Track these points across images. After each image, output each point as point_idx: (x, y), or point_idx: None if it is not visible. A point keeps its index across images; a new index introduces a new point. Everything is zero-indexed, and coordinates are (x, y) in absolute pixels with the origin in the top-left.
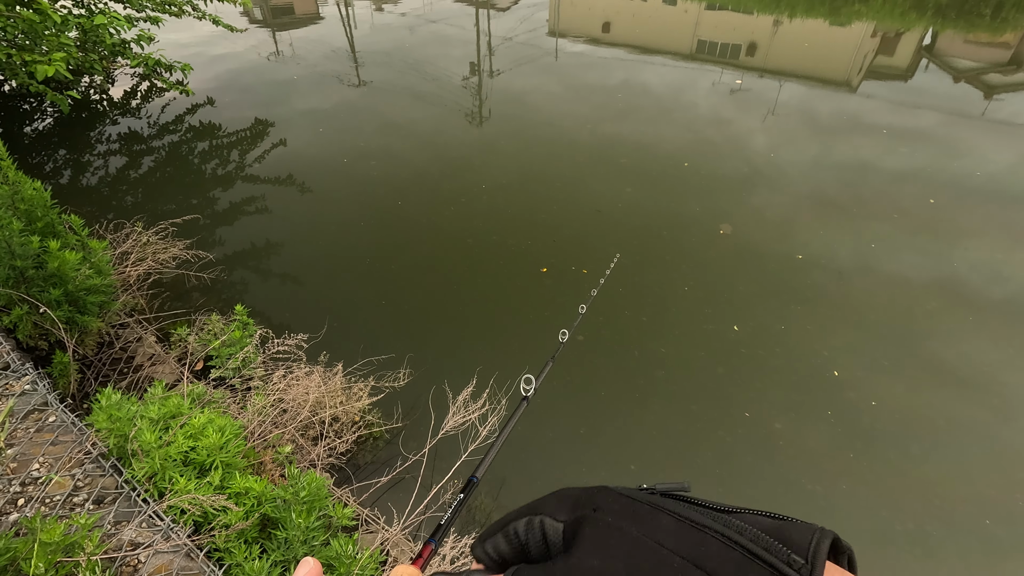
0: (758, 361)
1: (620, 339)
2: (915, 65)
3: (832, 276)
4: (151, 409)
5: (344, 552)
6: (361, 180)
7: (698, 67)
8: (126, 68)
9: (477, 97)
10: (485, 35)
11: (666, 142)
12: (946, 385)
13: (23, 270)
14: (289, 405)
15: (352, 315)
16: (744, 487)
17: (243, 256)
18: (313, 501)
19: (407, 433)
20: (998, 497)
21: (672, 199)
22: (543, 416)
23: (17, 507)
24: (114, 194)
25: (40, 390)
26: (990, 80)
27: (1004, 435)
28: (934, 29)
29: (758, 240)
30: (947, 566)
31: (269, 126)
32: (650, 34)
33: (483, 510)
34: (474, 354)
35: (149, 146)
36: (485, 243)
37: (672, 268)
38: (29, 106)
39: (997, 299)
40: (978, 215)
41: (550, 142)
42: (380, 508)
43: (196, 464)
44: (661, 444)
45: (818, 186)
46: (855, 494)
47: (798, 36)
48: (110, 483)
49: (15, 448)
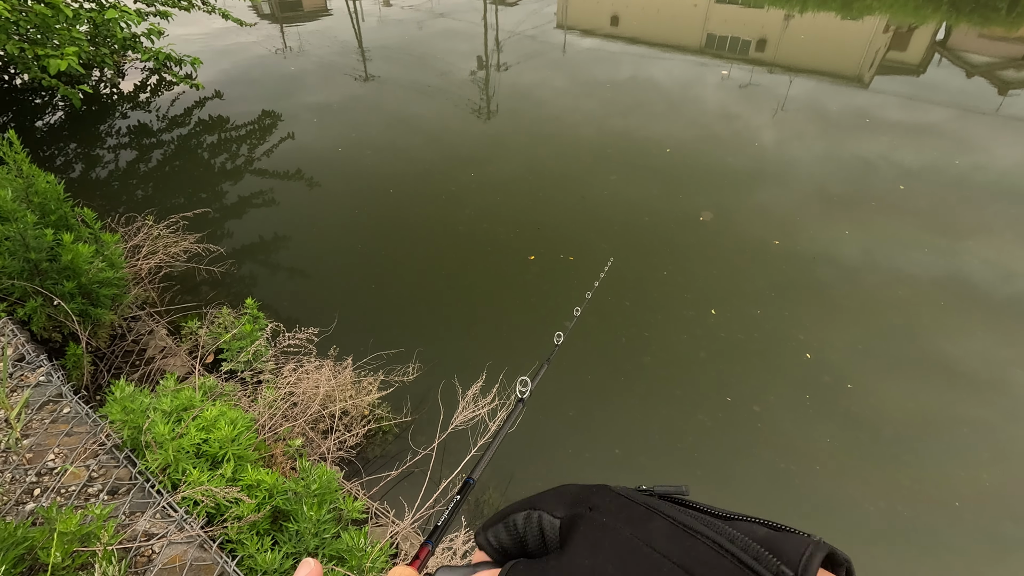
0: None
1: (608, 327)
2: (928, 60)
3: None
4: (164, 401)
5: (355, 545)
6: (370, 175)
7: (708, 62)
8: (136, 62)
9: (485, 92)
10: (493, 29)
11: (674, 138)
12: (919, 369)
13: (37, 263)
14: (299, 399)
15: (362, 309)
16: (724, 471)
17: (253, 250)
18: (324, 494)
19: (416, 427)
20: (967, 479)
21: (670, 190)
22: (533, 404)
23: (33, 497)
24: (125, 187)
25: (55, 381)
26: (1005, 76)
27: (974, 413)
28: (948, 23)
29: (742, 229)
30: (916, 544)
31: (277, 119)
32: (659, 28)
33: (491, 504)
34: (484, 349)
35: (159, 140)
36: (495, 238)
37: (655, 255)
38: (41, 100)
39: (975, 286)
40: (972, 209)
41: (556, 137)
42: (390, 502)
43: (208, 456)
44: (645, 428)
45: (822, 181)
46: (829, 475)
47: (809, 31)
48: (124, 474)
49: (31, 439)
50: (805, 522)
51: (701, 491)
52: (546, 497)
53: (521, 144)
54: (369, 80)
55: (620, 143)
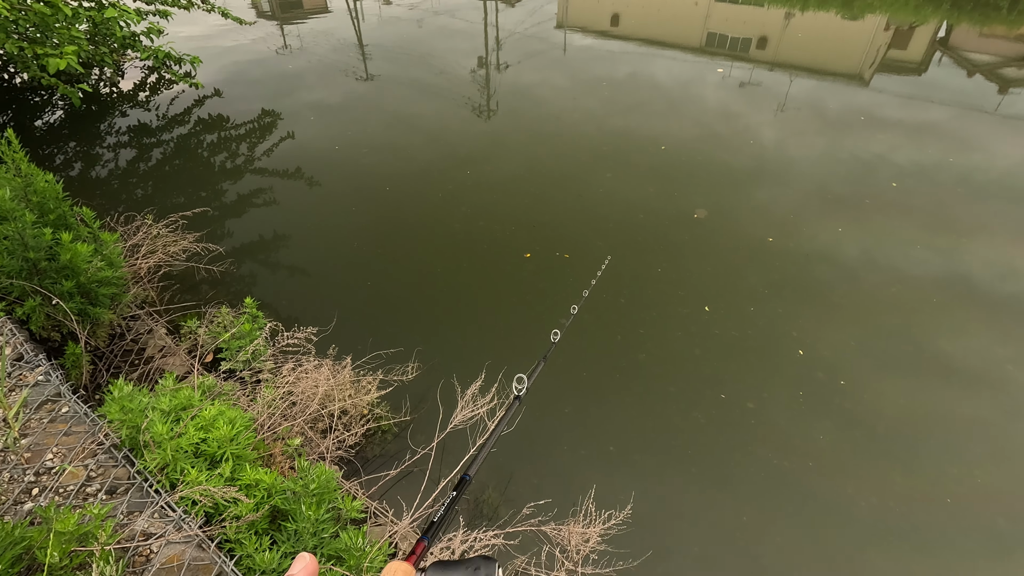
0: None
1: (604, 324)
2: (929, 59)
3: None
4: (162, 401)
5: (353, 544)
6: (369, 174)
7: (708, 60)
8: (136, 61)
9: (485, 90)
10: (493, 28)
11: (670, 136)
12: (913, 366)
13: (36, 262)
14: (298, 398)
15: (361, 309)
16: (719, 468)
17: (252, 249)
18: (323, 493)
19: (415, 427)
20: (960, 475)
21: (674, 190)
22: (531, 401)
23: (31, 496)
24: (124, 187)
25: (53, 381)
26: (1006, 74)
27: (968, 411)
28: (949, 22)
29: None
30: (908, 541)
31: (277, 118)
32: (660, 27)
33: (490, 504)
34: (483, 348)
35: (158, 139)
36: (493, 236)
37: (649, 253)
38: (40, 98)
39: (971, 283)
40: (960, 204)
41: (557, 136)
42: (389, 501)
43: (207, 456)
44: (640, 425)
45: (820, 180)
46: (822, 471)
47: (810, 29)
48: (122, 474)
49: (29, 438)
50: (798, 518)
51: (696, 489)
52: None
53: (520, 143)
54: (369, 79)
55: (618, 142)
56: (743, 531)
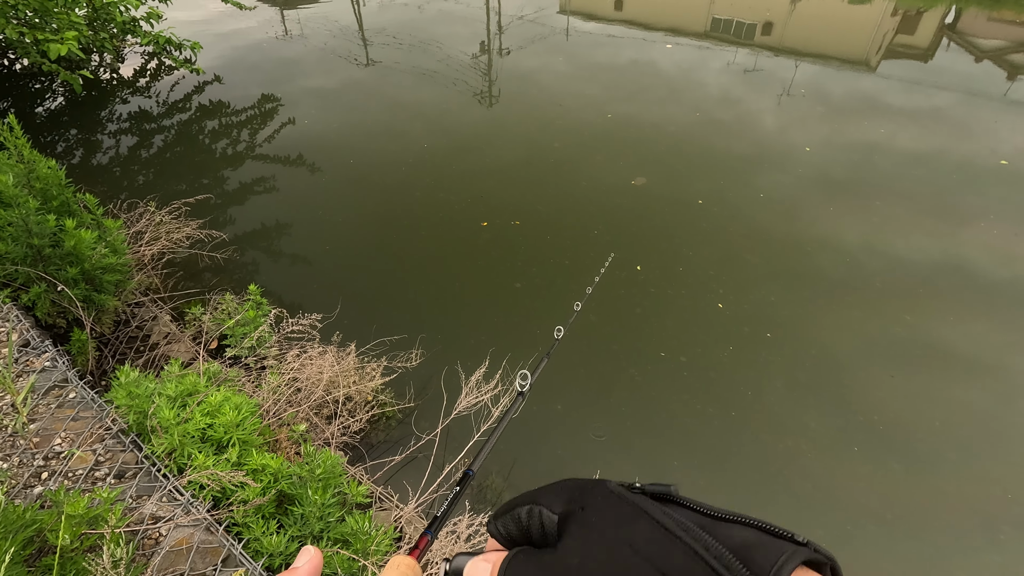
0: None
1: (605, 313)
2: (936, 44)
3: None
4: (168, 387)
5: (359, 529)
6: (372, 161)
7: (712, 46)
8: (136, 46)
9: (488, 76)
10: (496, 14)
11: (672, 123)
12: (913, 354)
13: (40, 248)
14: (303, 384)
15: (365, 295)
16: (719, 457)
17: (255, 235)
18: (328, 478)
19: (419, 413)
20: (957, 465)
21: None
22: (535, 391)
23: (41, 480)
24: (126, 173)
25: (60, 367)
26: (1014, 60)
27: (965, 397)
28: (957, 7)
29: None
30: (901, 529)
31: (278, 104)
32: (663, 12)
33: (494, 489)
34: (487, 336)
35: (160, 125)
36: (499, 224)
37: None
38: (41, 85)
39: (968, 270)
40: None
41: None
42: (393, 486)
43: (213, 441)
44: (645, 414)
45: (823, 166)
46: (819, 460)
47: (816, 14)
48: (130, 458)
49: (37, 423)
50: (797, 505)
51: (699, 477)
52: (547, 492)
53: (524, 130)
54: (370, 65)
55: (623, 130)
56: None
